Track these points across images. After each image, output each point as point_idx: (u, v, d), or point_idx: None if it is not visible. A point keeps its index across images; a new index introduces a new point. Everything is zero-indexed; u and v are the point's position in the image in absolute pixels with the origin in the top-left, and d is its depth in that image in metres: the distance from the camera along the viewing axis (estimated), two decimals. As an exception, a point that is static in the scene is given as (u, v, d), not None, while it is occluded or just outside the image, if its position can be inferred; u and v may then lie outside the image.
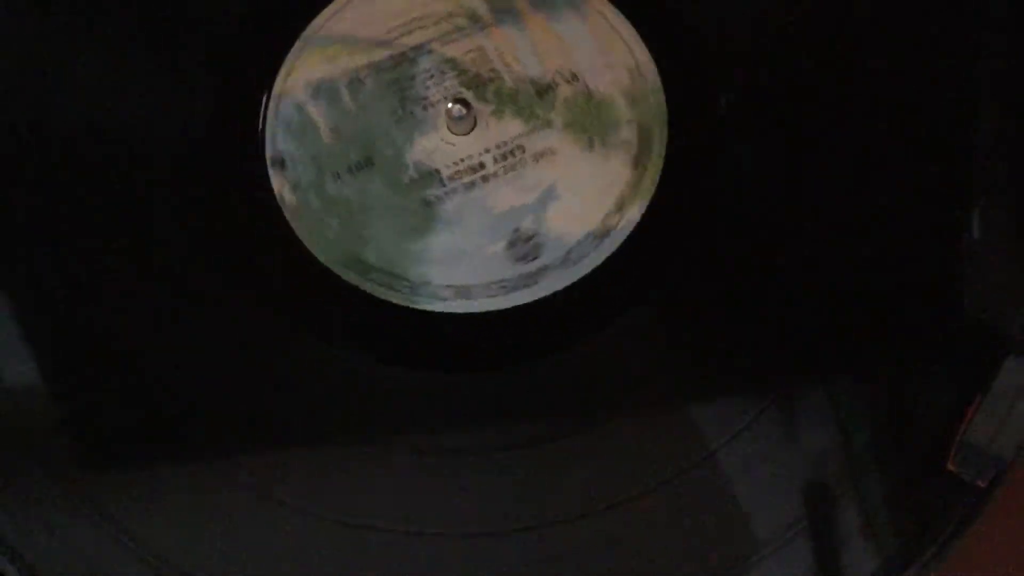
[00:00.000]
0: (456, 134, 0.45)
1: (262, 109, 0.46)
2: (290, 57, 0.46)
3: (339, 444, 0.42)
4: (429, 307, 0.43)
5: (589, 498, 0.40)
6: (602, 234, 0.44)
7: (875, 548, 0.40)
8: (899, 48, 0.45)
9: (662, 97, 0.46)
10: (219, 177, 0.45)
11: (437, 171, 0.45)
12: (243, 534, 0.41)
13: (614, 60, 0.46)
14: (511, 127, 0.46)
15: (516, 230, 0.44)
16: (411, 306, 0.43)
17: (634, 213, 0.44)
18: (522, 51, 0.46)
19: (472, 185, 0.45)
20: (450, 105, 0.45)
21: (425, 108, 0.46)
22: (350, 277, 0.44)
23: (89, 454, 0.42)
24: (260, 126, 0.45)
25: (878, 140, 0.44)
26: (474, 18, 0.47)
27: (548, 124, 0.46)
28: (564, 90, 0.46)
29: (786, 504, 0.40)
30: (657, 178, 0.45)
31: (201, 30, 0.47)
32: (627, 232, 0.44)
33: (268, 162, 0.45)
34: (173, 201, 0.45)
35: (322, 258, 0.44)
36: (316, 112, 0.45)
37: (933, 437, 0.40)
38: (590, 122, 0.46)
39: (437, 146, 0.45)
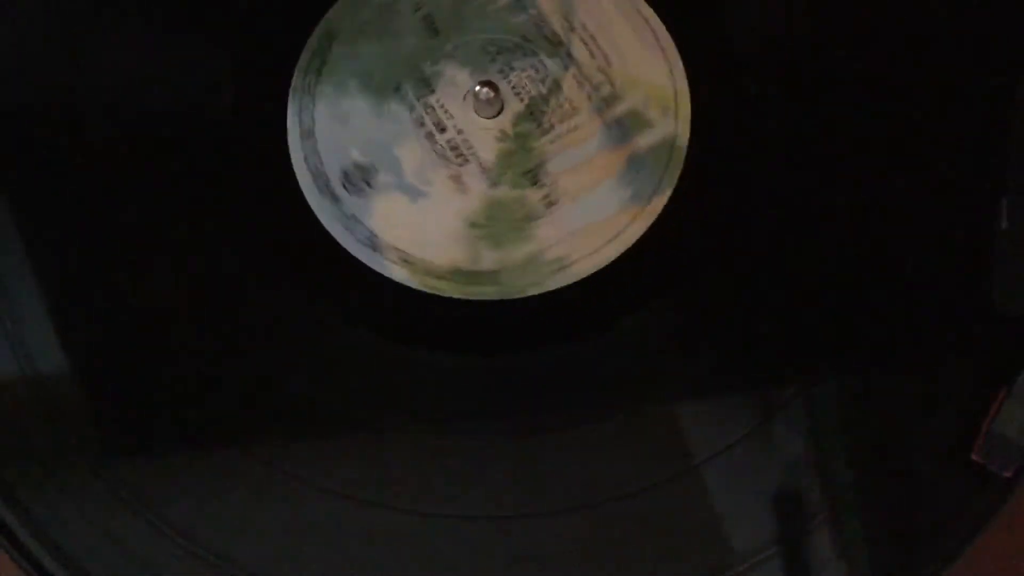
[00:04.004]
0: (480, 114, 0.45)
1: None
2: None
3: (357, 426, 0.42)
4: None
5: (569, 495, 0.40)
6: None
7: (894, 543, 0.40)
8: (929, 37, 0.44)
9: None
10: (243, 157, 0.45)
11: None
12: (271, 515, 0.41)
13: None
14: (490, 152, 0.45)
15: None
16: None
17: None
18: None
19: (421, 124, 0.45)
20: (477, 88, 0.44)
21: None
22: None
23: (120, 441, 0.43)
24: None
25: (905, 130, 0.43)
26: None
27: (494, 184, 0.45)
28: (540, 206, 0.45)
29: (767, 521, 0.40)
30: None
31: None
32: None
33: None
34: (200, 185, 0.45)
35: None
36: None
37: (958, 428, 0.40)
38: (501, 225, 0.45)
39: (452, 97, 0.45)
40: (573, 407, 0.42)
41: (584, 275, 0.43)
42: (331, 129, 0.45)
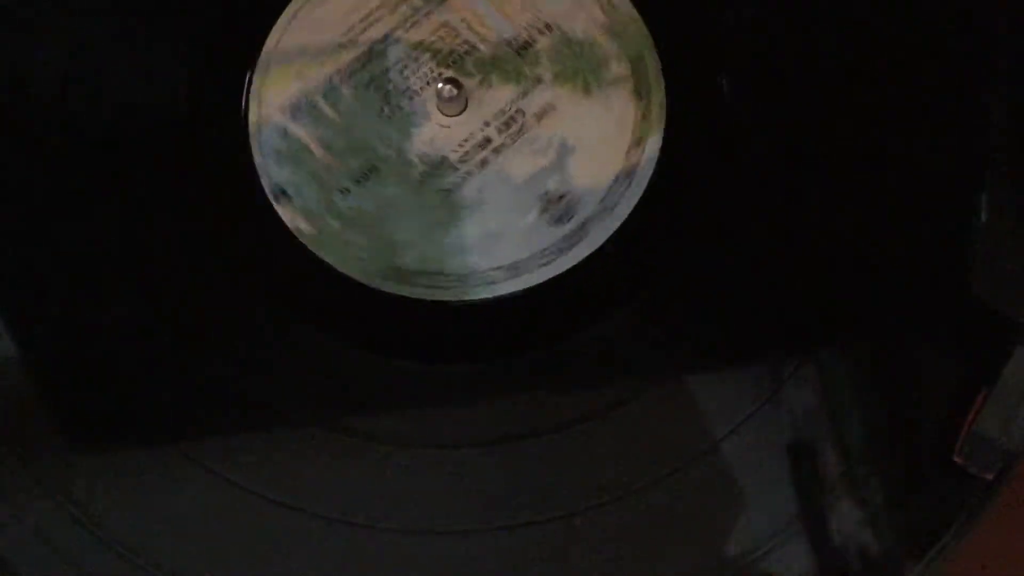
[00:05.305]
0: (450, 115, 0.45)
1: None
2: (256, 84, 0.45)
3: (323, 435, 0.41)
4: (483, 295, 0.43)
5: (590, 491, 0.40)
6: (629, 172, 0.44)
7: (877, 543, 0.39)
8: (907, 30, 0.43)
9: (642, 24, 0.45)
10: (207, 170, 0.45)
11: (445, 158, 0.44)
12: (218, 526, 0.40)
13: None
14: (503, 94, 0.45)
15: (545, 193, 0.44)
16: (464, 299, 0.43)
17: (654, 144, 0.44)
18: (488, 15, 0.45)
19: (485, 162, 0.44)
20: (440, 86, 0.44)
21: (411, 98, 0.45)
22: (393, 288, 0.43)
23: (59, 438, 0.42)
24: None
25: (884, 125, 0.42)
26: (428, -5, 0.45)
27: (538, 80, 0.45)
28: (542, 43, 0.45)
29: (791, 494, 0.39)
30: (664, 102, 0.44)
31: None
32: (652, 167, 0.43)
33: (271, 197, 0.44)
34: (158, 187, 0.44)
35: (359, 277, 0.43)
36: (301, 132, 0.44)
37: (940, 428, 0.39)
38: (579, 67, 0.45)
39: (436, 133, 0.45)
40: (563, 408, 0.41)
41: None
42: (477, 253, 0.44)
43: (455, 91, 0.44)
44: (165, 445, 0.41)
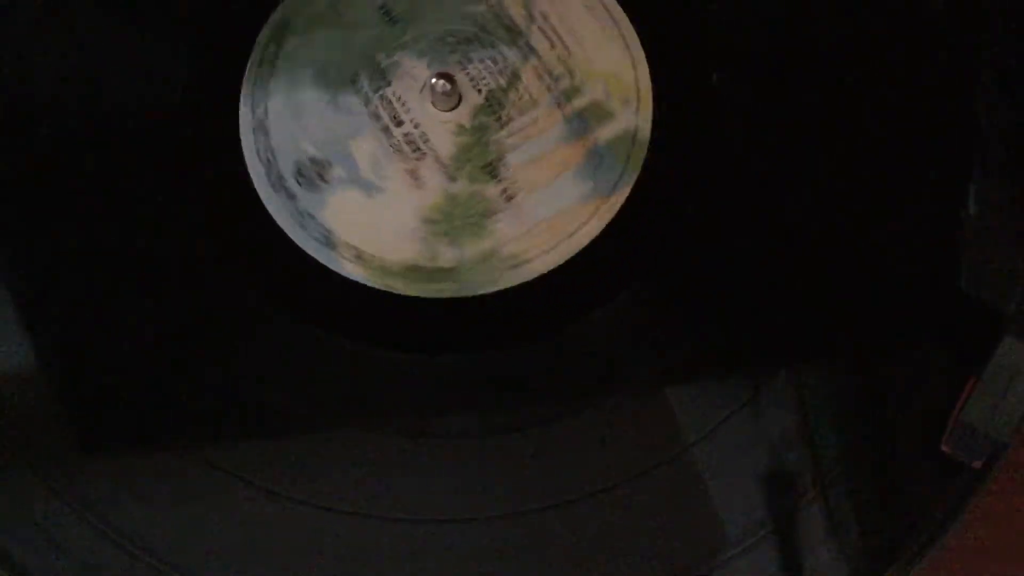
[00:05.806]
0: (433, 102, 0.44)
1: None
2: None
3: (309, 426, 0.41)
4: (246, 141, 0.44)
5: (559, 489, 0.40)
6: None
7: (868, 532, 0.39)
8: (896, 21, 0.44)
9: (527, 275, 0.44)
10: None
11: (384, 95, 0.44)
12: (229, 524, 0.40)
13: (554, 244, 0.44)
14: (445, 147, 0.44)
15: (315, 159, 0.44)
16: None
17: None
18: (537, 134, 0.44)
19: (377, 117, 0.44)
20: (434, 80, 0.44)
21: (448, 59, 0.45)
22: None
23: (65, 440, 0.41)
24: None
25: (872, 119, 0.43)
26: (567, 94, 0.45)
27: (452, 179, 0.44)
28: (491, 191, 0.44)
29: (758, 502, 0.39)
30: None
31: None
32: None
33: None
34: (151, 180, 0.44)
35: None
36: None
37: (928, 418, 0.39)
38: (456, 218, 0.44)
39: (409, 89, 0.44)
40: (542, 404, 0.41)
41: (540, 272, 0.43)
42: (284, 122, 0.44)
43: (448, 86, 0.44)
44: (170, 445, 0.41)
